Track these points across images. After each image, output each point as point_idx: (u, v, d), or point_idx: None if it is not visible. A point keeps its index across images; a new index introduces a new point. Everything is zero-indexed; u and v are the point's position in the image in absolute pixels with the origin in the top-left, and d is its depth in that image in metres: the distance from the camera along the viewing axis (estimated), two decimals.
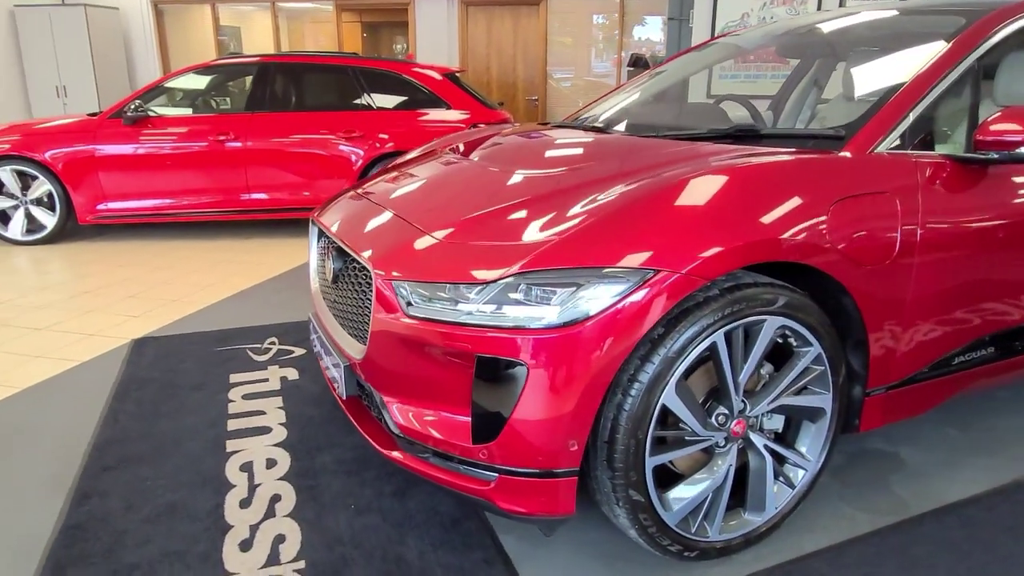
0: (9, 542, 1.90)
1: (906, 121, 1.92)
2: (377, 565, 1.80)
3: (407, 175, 2.36)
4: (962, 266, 1.94)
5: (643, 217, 1.61)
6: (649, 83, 3.02)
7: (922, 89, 1.95)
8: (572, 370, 1.54)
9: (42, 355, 3.21)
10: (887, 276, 1.82)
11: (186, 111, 5.56)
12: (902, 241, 1.81)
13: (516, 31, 7.51)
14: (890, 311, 1.86)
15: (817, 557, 1.85)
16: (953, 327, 2.00)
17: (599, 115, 2.85)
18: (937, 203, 1.88)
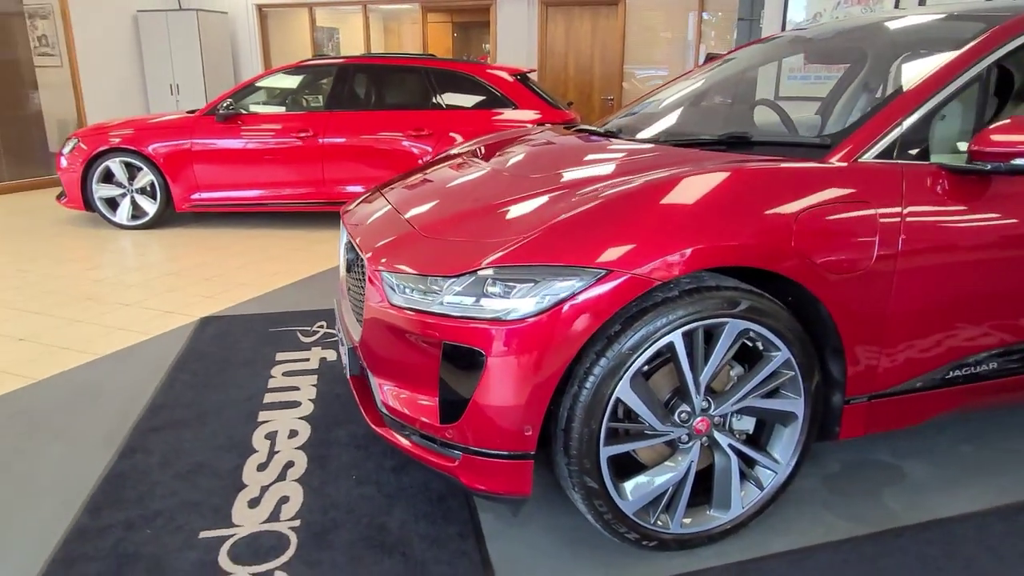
0: (60, 485, 2.20)
1: (898, 130, 1.91)
2: (361, 531, 1.98)
3: (424, 175, 2.52)
4: (954, 279, 1.91)
5: (600, 221, 1.70)
6: (689, 85, 3.03)
7: (920, 98, 1.93)
8: (525, 360, 1.65)
9: (124, 328, 3.60)
10: (863, 286, 1.82)
11: (272, 109, 5.97)
12: (879, 251, 1.81)
13: (594, 31, 7.57)
14: (868, 321, 1.86)
15: (781, 558, 1.88)
16: (945, 341, 1.97)
17: (623, 119, 2.92)
18: (925, 214, 1.86)
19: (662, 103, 3.00)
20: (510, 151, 2.55)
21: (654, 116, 2.87)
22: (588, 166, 2.13)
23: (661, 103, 3.01)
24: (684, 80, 3.11)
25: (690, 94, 3.01)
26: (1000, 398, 2.15)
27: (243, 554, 1.87)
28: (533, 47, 7.80)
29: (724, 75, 3.05)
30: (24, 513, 2.06)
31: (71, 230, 5.88)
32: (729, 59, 3.06)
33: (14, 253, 5.12)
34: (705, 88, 3.04)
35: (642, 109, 3.00)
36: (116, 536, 1.94)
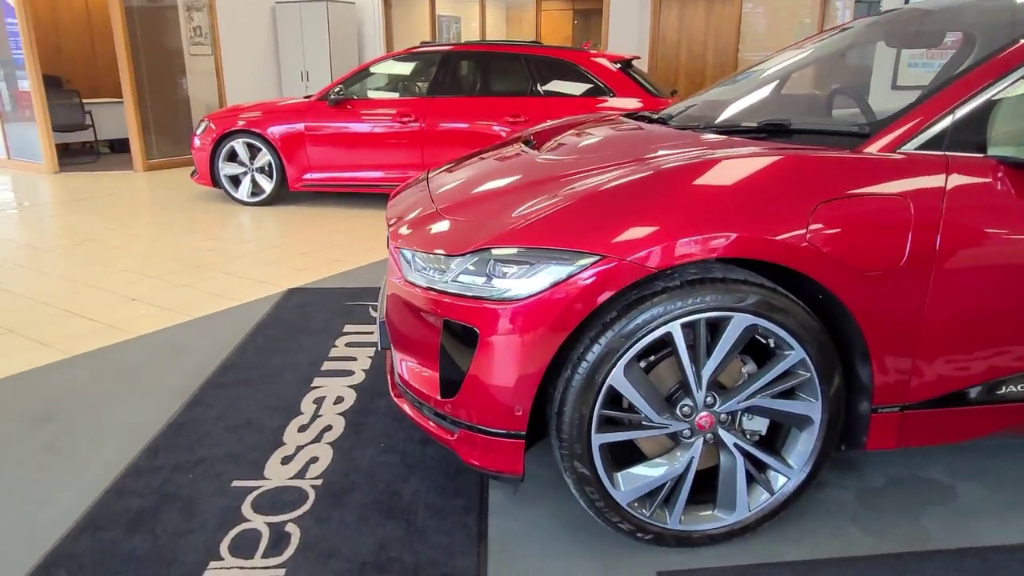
0: (131, 428, 2.46)
1: (950, 118, 1.75)
2: (375, 495, 2.08)
3: (472, 159, 2.58)
4: (1006, 285, 1.73)
5: (598, 207, 1.68)
6: (773, 68, 2.86)
7: (977, 84, 1.76)
8: (517, 341, 1.68)
9: (220, 294, 3.93)
10: (892, 288, 1.69)
11: (380, 95, 6.23)
12: (913, 249, 1.68)
13: (708, 17, 7.30)
14: (899, 325, 1.73)
15: (784, 568, 1.80)
16: (993, 353, 1.79)
17: (688, 105, 2.83)
18: (973, 210, 1.70)
19: (736, 88, 2.88)
20: (559, 137, 2.55)
21: (719, 102, 2.76)
22: (616, 153, 2.10)
23: (735, 88, 2.88)
24: (770, 63, 2.95)
25: (769, 79, 2.86)
26: None
27: (264, 505, 2.02)
28: (645, 34, 7.64)
29: (811, 59, 2.87)
30: (97, 448, 2.33)
31: (200, 204, 6.44)
32: (822, 40, 2.88)
33: (149, 223, 5.68)
34: (786, 73, 2.88)
35: (714, 94, 2.89)
36: (163, 477, 2.16)
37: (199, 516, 1.97)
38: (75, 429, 2.46)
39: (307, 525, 1.94)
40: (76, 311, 3.65)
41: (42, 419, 2.53)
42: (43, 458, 2.28)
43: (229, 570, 1.76)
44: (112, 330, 3.39)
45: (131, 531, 1.90)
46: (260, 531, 1.91)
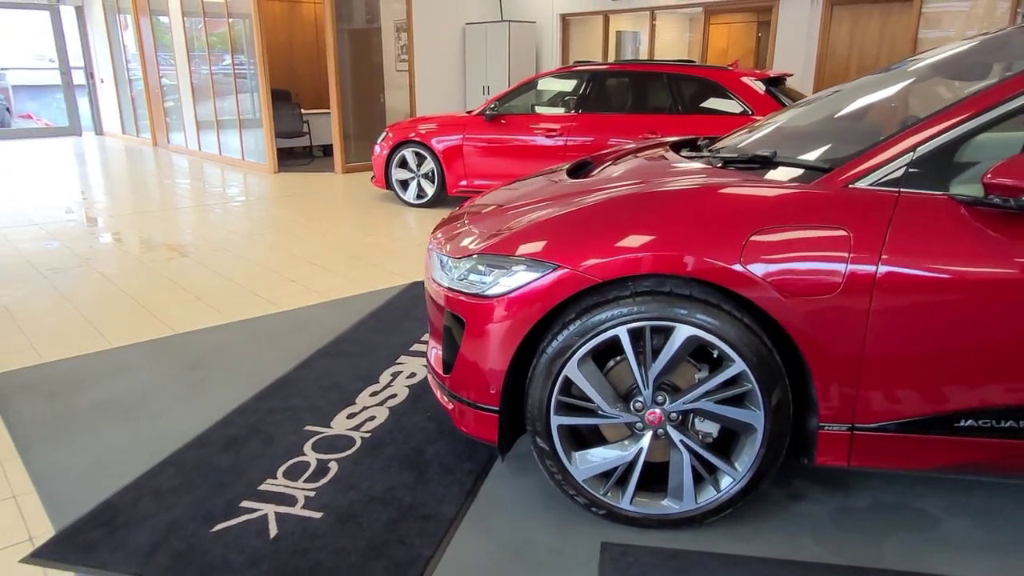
0: (253, 378, 3.14)
1: (908, 157, 1.85)
2: (405, 450, 2.54)
3: (529, 177, 2.95)
4: (958, 319, 1.79)
5: (563, 225, 2.01)
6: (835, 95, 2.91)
7: (937, 126, 1.84)
8: (490, 330, 2.05)
9: (359, 281, 4.64)
10: (830, 313, 1.83)
11: (535, 110, 6.73)
12: (849, 280, 1.80)
13: (883, 30, 6.93)
14: (840, 349, 1.85)
15: (717, 558, 1.99)
16: (947, 385, 1.85)
17: (736, 137, 2.97)
18: (921, 246, 1.79)
19: (790, 116, 2.96)
20: (605, 162, 2.85)
21: (756, 132, 2.88)
22: (619, 180, 2.36)
23: (789, 115, 2.96)
24: (848, 87, 2.99)
25: (828, 106, 2.93)
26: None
27: (321, 446, 2.57)
28: (813, 49, 7.41)
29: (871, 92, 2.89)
30: (224, 391, 3.03)
31: (375, 203, 7.38)
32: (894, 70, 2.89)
33: (328, 218, 6.66)
34: (844, 100, 2.92)
35: (767, 123, 3.00)
36: (259, 416, 2.79)
37: (272, 447, 2.56)
38: (214, 375, 3.20)
39: (345, 465, 2.45)
40: (248, 287, 4.53)
41: (194, 366, 3.31)
42: (186, 393, 3.02)
43: (277, 485, 2.32)
44: (268, 304, 4.20)
45: (223, 450, 2.54)
46: (310, 463, 2.45)
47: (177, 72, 11.71)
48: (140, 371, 3.24)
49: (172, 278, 4.73)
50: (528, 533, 2.11)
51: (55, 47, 14.98)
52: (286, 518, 2.15)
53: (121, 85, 14.29)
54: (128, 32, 13.17)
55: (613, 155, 2.98)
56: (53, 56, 15.21)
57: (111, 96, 14.94)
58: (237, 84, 10.16)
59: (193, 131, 11.69)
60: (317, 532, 2.08)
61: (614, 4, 9.27)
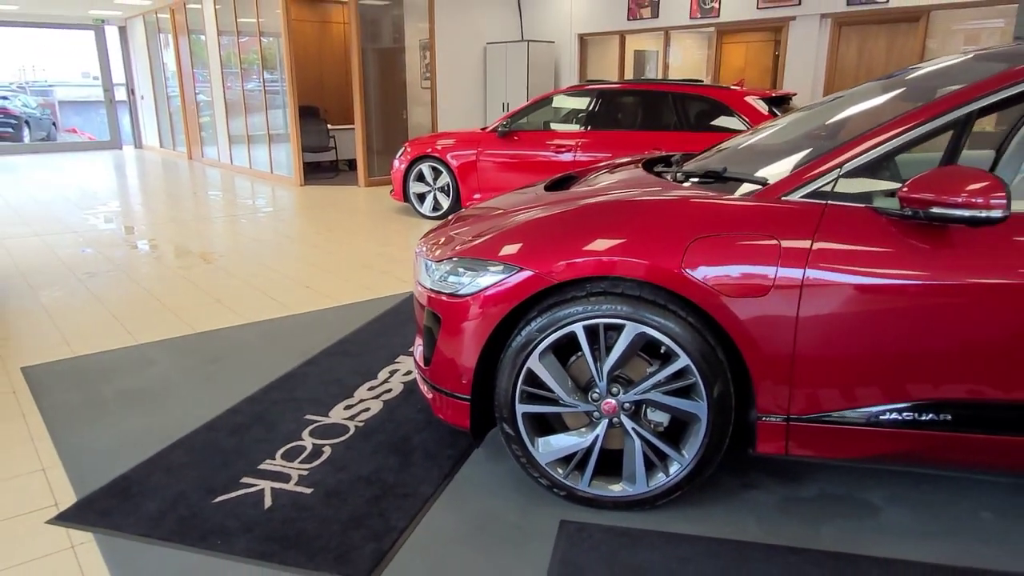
0: (264, 373, 3.41)
1: (836, 172, 2.05)
2: (393, 438, 2.77)
3: (521, 189, 3.18)
4: (882, 319, 1.97)
5: (527, 231, 2.24)
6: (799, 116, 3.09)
7: (863, 145, 2.04)
8: (462, 326, 2.28)
9: (369, 288, 4.91)
10: (763, 313, 2.02)
11: (549, 127, 6.98)
12: (779, 283, 2.00)
13: (890, 50, 7.06)
14: (772, 347, 2.04)
15: (664, 536, 2.18)
16: (872, 381, 2.02)
17: (707, 156, 3.17)
18: (843, 253, 1.97)
19: (756, 134, 3.14)
20: (584, 177, 3.07)
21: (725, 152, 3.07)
22: (588, 193, 2.58)
23: (757, 134, 3.15)
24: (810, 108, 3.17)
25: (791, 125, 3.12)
26: (968, 457, 2.06)
27: (318, 432, 2.82)
28: (821, 67, 7.57)
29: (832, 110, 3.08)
30: (236, 383, 3.30)
31: (393, 216, 7.67)
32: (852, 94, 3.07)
33: (346, 229, 6.97)
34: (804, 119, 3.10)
35: (735, 140, 3.20)
36: (265, 406, 3.05)
37: (274, 432, 2.81)
38: (229, 369, 3.47)
39: (337, 449, 2.69)
40: (265, 291, 4.83)
41: (212, 360, 3.59)
42: (202, 384, 3.30)
43: (275, 465, 2.56)
44: (282, 307, 4.48)
45: (229, 435, 2.79)
46: (306, 447, 2.70)
47: (212, 89, 12.22)
48: (161, 364, 3.53)
49: (195, 282, 5.04)
50: (495, 511, 2.32)
51: (99, 65, 15.67)
52: (280, 493, 2.39)
53: (160, 101, 14.91)
54: (168, 50, 13.77)
55: (592, 171, 3.21)
56: (97, 74, 15.91)
57: (150, 111, 15.58)
58: (268, 100, 10.59)
59: (225, 145, 12.18)
60: (306, 505, 2.32)
61: (630, 24, 9.51)
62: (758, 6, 8.08)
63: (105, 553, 2.10)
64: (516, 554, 2.11)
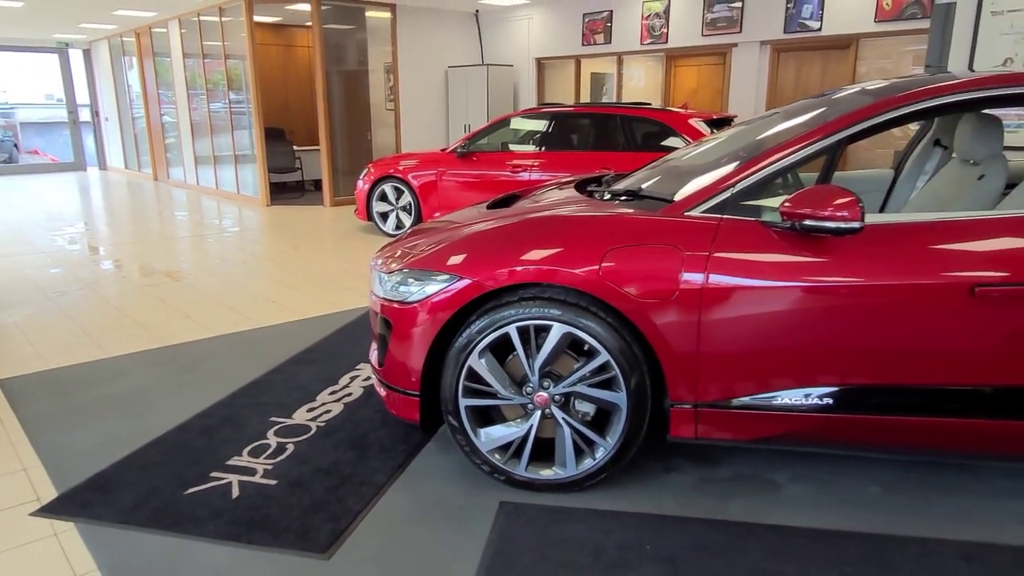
0: (230, 381, 3.63)
1: (730, 191, 2.38)
2: (352, 435, 3.02)
3: (463, 209, 3.47)
4: (769, 315, 2.29)
5: (468, 244, 2.53)
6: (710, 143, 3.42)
7: (752, 168, 2.37)
8: (410, 330, 2.56)
9: (333, 302, 5.15)
10: (671, 313, 2.33)
11: (503, 148, 7.31)
12: (683, 286, 2.31)
13: (824, 74, 7.55)
14: (679, 342, 2.35)
15: (591, 513, 2.46)
16: (766, 371, 2.34)
17: (635, 176, 3.50)
18: (736, 261, 2.29)
19: (677, 156, 3.46)
20: (525, 196, 3.38)
21: (645, 171, 3.39)
22: (521, 210, 2.88)
23: (677, 156, 3.46)
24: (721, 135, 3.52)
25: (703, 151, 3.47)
26: (854, 437, 2.38)
27: (282, 432, 3.06)
28: (763, 90, 8.04)
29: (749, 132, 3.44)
30: (208, 390, 3.52)
31: (357, 234, 7.92)
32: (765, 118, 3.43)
33: (311, 247, 7.20)
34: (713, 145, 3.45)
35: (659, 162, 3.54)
36: (233, 409, 3.28)
37: (241, 433, 3.05)
38: (199, 378, 3.69)
39: (300, 446, 2.93)
40: (232, 306, 5.04)
41: (184, 370, 3.81)
42: (174, 392, 3.52)
43: (242, 461, 2.80)
44: (250, 321, 4.71)
45: (200, 435, 3.02)
46: (271, 445, 2.94)
47: (177, 110, 12.37)
48: (134, 375, 3.74)
49: (164, 299, 5.24)
50: (443, 495, 2.59)
51: (63, 87, 15.70)
52: (246, 485, 2.63)
53: (125, 122, 14.98)
54: (133, 72, 13.89)
55: (532, 190, 3.52)
56: (60, 95, 15.93)
57: (115, 133, 15.63)
58: (234, 121, 10.79)
59: (191, 166, 12.32)
60: (271, 494, 2.57)
61: (584, 49, 9.93)
62: (702, 33, 8.55)
63: (86, 539, 2.32)
64: (460, 530, 2.38)
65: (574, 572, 2.14)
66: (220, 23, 10.39)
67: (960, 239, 2.22)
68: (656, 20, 9.02)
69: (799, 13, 7.52)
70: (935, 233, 2.23)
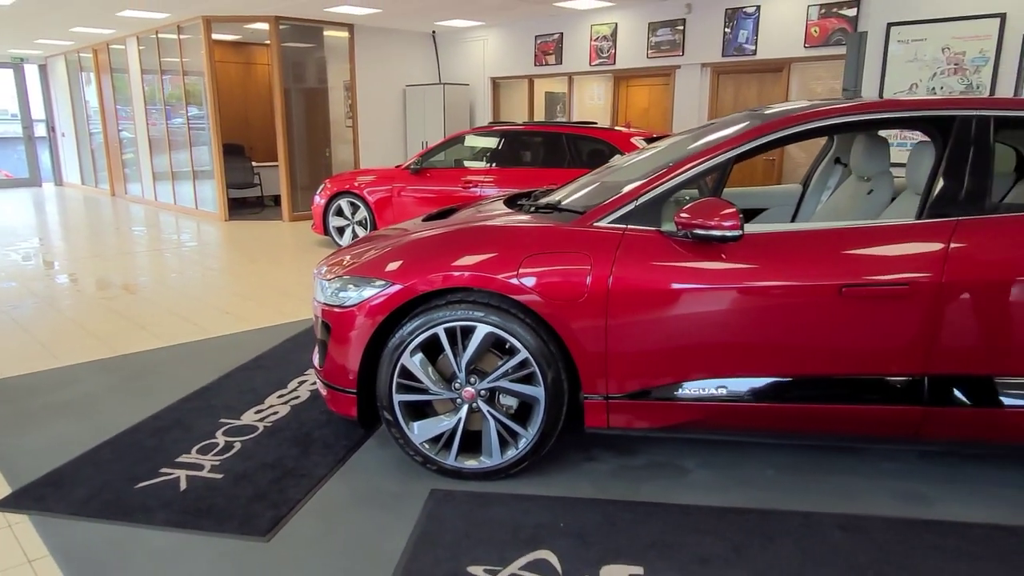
0: (182, 387, 3.79)
1: (633, 204, 2.65)
2: (297, 434, 3.22)
3: (417, 219, 3.70)
4: (672, 312, 2.56)
5: (400, 253, 2.77)
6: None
7: (651, 185, 2.66)
8: (347, 331, 2.78)
9: (286, 313, 5.32)
10: (581, 313, 2.59)
11: (455, 165, 7.57)
12: (591, 289, 2.58)
13: (760, 95, 7.98)
14: (591, 338, 2.61)
15: (513, 497, 2.69)
16: (667, 365, 2.61)
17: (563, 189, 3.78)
18: (637, 266, 2.57)
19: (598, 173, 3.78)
20: (461, 210, 3.63)
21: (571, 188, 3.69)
22: (452, 222, 3.13)
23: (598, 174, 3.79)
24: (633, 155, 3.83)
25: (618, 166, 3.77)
26: (750, 424, 2.66)
27: (230, 431, 3.24)
28: (705, 110, 8.44)
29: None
30: (160, 395, 3.68)
31: (314, 248, 8.09)
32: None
33: (268, 261, 7.35)
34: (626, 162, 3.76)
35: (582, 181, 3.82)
36: (182, 413, 3.45)
37: (190, 433, 3.23)
38: (151, 384, 3.85)
39: (247, 444, 3.12)
40: (187, 318, 5.19)
41: (137, 377, 3.96)
42: (126, 397, 3.67)
43: (191, 458, 2.98)
44: (204, 331, 4.86)
45: (150, 436, 3.19)
46: (219, 443, 3.12)
47: (135, 126, 12.40)
48: (86, 382, 3.88)
49: (119, 311, 5.37)
50: (378, 484, 2.80)
51: (17, 102, 15.58)
52: (194, 479, 2.82)
53: (81, 138, 14.91)
54: (90, 88, 13.87)
55: (467, 205, 3.77)
56: (14, 110, 15.79)
57: (72, 148, 15.54)
58: (192, 138, 10.88)
59: (149, 182, 12.34)
60: (217, 486, 2.75)
61: (537, 70, 10.28)
62: (647, 55, 8.94)
63: (39, 529, 2.49)
64: (392, 515, 2.59)
65: (493, 547, 2.37)
66: (179, 40, 10.52)
67: (828, 245, 2.53)
68: (604, 42, 9.40)
69: (736, 38, 7.96)
70: (806, 240, 2.54)
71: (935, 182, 2.59)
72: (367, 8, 9.08)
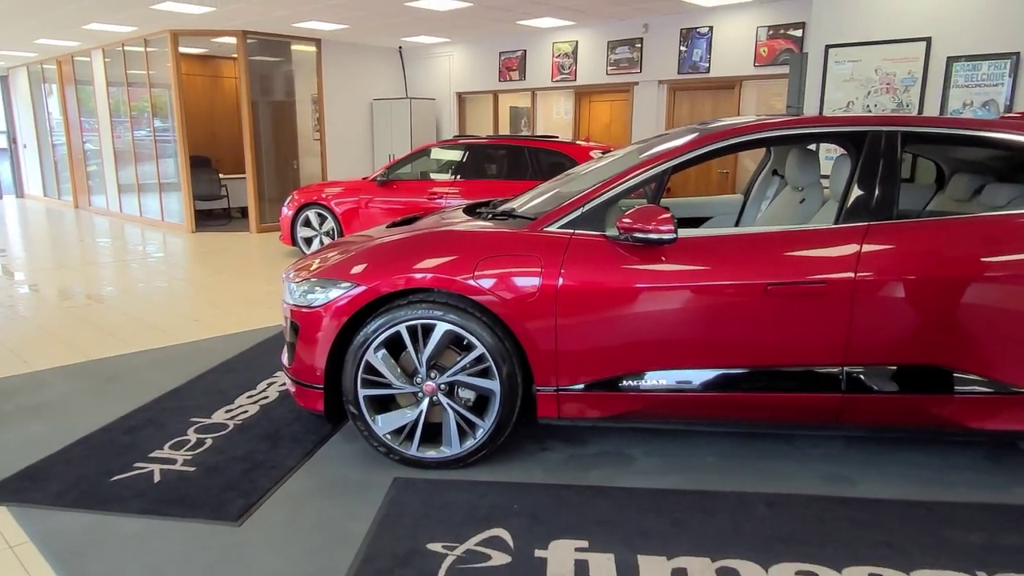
0: (155, 390, 3.92)
1: (580, 211, 2.89)
2: (267, 430, 3.38)
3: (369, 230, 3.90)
4: (615, 309, 2.79)
5: (364, 256, 2.96)
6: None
7: (597, 194, 2.90)
8: (314, 331, 2.95)
9: (251, 320, 5.46)
10: (532, 310, 2.80)
11: (420, 177, 7.77)
12: (542, 289, 2.80)
13: (715, 110, 8.35)
14: (542, 334, 2.82)
15: (469, 483, 2.89)
16: (607, 356, 2.83)
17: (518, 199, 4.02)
18: (585, 268, 2.79)
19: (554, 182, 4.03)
20: (423, 218, 3.84)
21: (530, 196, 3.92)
22: (413, 228, 3.34)
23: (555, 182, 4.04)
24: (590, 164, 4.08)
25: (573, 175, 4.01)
26: (687, 411, 2.89)
27: (201, 429, 3.38)
28: (662, 124, 8.78)
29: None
30: (131, 397, 3.80)
31: (282, 258, 8.21)
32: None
33: (236, 271, 7.46)
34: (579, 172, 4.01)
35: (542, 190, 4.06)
36: (156, 412, 3.58)
37: (163, 431, 3.36)
38: (122, 387, 3.97)
39: (218, 440, 3.27)
40: (155, 325, 5.30)
41: (107, 380, 4.07)
42: (98, 399, 3.78)
43: (164, 453, 3.12)
44: (172, 338, 4.98)
45: (124, 434, 3.32)
46: (191, 440, 3.27)
47: (100, 138, 12.38)
48: (58, 386, 3.98)
49: (88, 319, 5.45)
50: (344, 474, 2.98)
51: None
52: (167, 471, 2.96)
53: (44, 150, 14.80)
54: (53, 99, 13.80)
55: (430, 213, 3.98)
56: None
57: (34, 160, 15.39)
58: (158, 149, 10.92)
59: (114, 193, 12.31)
60: (190, 478, 2.90)
61: (501, 85, 10.56)
62: (607, 72, 9.27)
63: (18, 518, 2.61)
64: (358, 500, 2.77)
65: (450, 526, 2.56)
66: (145, 53, 10.58)
67: (755, 248, 2.78)
68: (565, 59, 9.71)
69: (690, 56, 8.32)
70: (736, 243, 2.79)
71: (850, 191, 2.87)
72: (334, 24, 9.27)
